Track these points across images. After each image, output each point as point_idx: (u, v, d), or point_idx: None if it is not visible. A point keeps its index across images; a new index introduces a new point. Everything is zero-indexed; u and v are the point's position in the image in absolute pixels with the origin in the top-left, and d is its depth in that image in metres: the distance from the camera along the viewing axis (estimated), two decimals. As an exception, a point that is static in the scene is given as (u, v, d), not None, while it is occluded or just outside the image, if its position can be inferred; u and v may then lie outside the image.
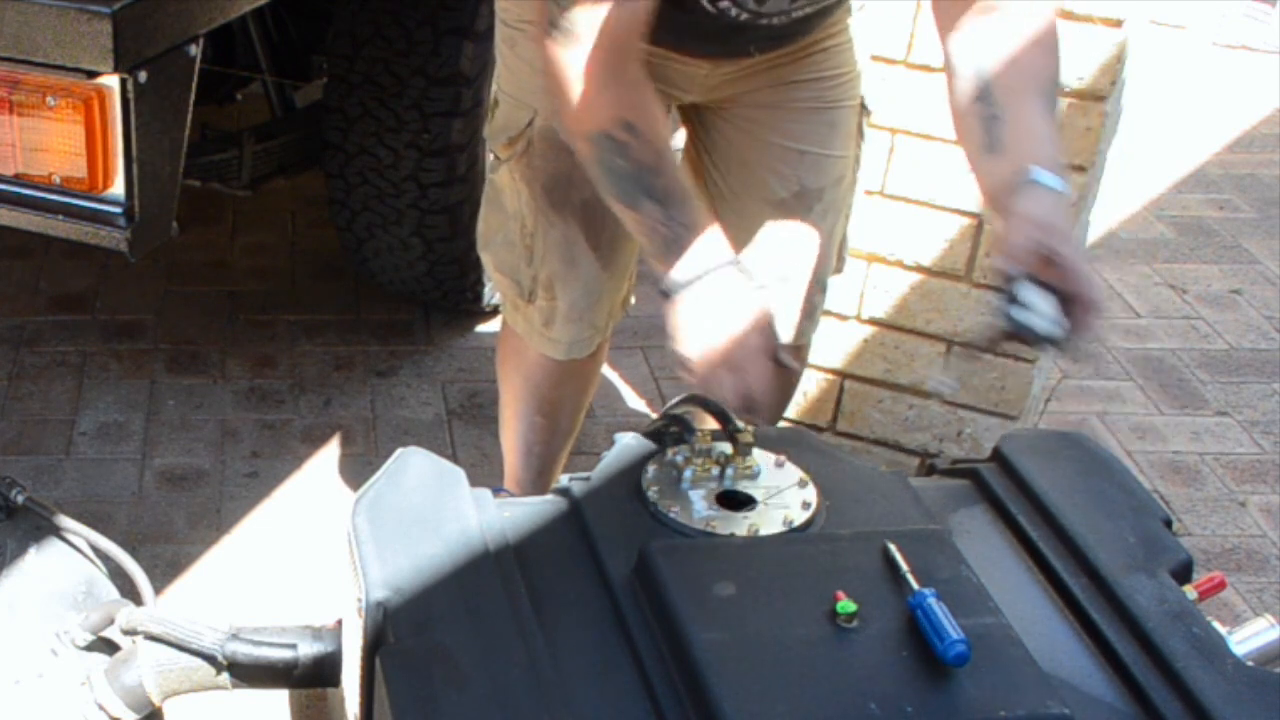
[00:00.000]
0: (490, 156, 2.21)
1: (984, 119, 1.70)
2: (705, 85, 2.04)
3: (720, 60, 1.99)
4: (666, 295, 1.72)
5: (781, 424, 2.57)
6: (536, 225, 2.11)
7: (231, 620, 1.69)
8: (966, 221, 2.62)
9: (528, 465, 2.40)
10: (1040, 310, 1.52)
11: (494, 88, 2.17)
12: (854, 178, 2.17)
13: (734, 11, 1.83)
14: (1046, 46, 1.72)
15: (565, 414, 2.35)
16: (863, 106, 2.16)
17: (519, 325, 2.23)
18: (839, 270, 2.27)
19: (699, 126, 2.15)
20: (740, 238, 2.15)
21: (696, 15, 1.80)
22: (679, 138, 2.25)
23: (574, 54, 1.70)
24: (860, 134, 2.17)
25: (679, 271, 1.71)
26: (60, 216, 2.11)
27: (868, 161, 2.45)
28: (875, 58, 2.14)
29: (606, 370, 2.14)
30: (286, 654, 1.63)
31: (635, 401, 3.22)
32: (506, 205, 2.15)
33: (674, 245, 1.72)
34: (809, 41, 2.00)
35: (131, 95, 2.01)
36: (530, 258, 2.14)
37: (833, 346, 2.88)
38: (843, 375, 2.91)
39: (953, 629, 1.39)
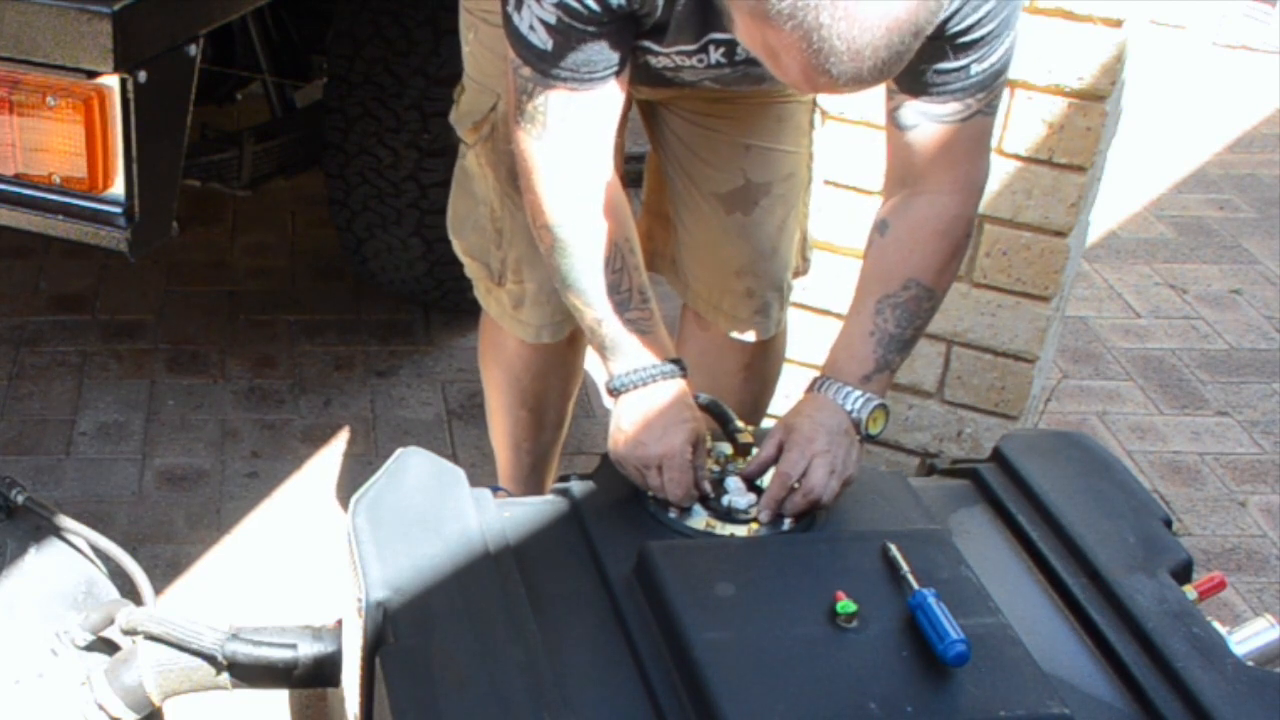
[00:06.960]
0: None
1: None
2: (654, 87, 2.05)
3: (664, 89, 2.00)
4: (610, 392, 1.78)
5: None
6: (503, 208, 2.13)
7: (231, 620, 1.69)
8: (966, 221, 2.62)
9: (518, 462, 2.40)
10: (736, 493, 1.70)
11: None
12: (809, 175, 2.17)
13: (678, 78, 1.85)
14: (929, 242, 1.76)
15: (550, 408, 2.35)
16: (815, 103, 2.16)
17: (492, 309, 2.25)
18: (804, 271, 2.27)
19: (653, 119, 2.17)
20: (687, 230, 2.18)
21: (637, 62, 1.81)
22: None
23: (543, 146, 1.74)
24: (811, 127, 2.16)
25: (622, 373, 1.77)
26: (60, 216, 2.11)
27: (869, 163, 2.45)
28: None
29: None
30: (286, 654, 1.63)
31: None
32: (475, 190, 2.16)
33: (621, 344, 1.77)
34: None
35: (131, 95, 2.00)
36: (499, 240, 2.16)
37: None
38: (843, 375, 2.90)
39: (953, 629, 1.39)
